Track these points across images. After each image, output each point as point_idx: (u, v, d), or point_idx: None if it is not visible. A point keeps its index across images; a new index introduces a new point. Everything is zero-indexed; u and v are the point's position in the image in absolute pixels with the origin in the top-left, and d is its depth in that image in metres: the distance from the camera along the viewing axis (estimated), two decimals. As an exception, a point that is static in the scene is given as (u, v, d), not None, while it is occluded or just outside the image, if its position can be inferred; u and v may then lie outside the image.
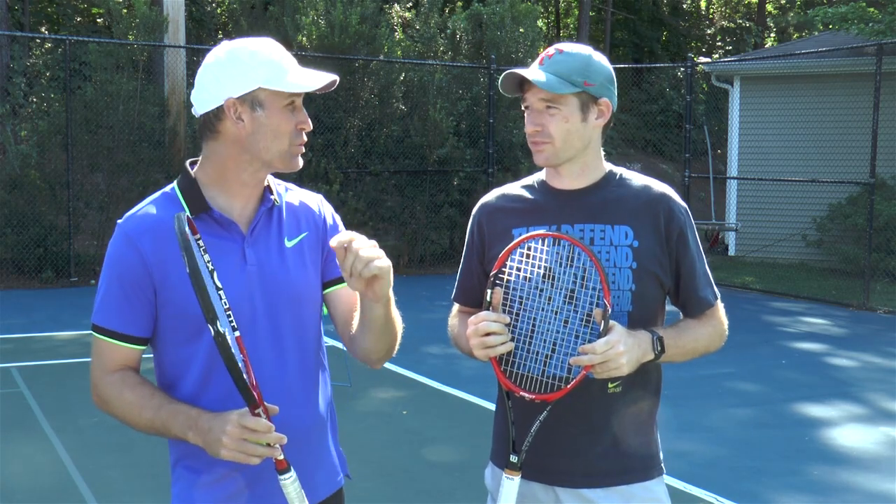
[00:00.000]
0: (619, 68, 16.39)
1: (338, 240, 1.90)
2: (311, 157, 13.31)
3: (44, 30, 20.73)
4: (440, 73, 15.10)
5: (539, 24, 18.18)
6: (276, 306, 2.06)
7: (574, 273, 2.18)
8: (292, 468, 1.91)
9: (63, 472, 5.29)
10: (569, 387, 2.13)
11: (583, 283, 2.17)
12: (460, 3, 23.09)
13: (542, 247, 2.21)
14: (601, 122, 2.27)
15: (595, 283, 2.15)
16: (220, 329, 1.78)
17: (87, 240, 13.09)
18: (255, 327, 2.04)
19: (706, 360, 2.46)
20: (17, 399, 6.76)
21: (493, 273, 2.20)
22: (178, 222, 1.82)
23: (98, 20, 21.19)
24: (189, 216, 1.92)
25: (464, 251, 2.46)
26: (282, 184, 2.20)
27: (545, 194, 2.34)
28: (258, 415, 1.86)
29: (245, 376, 1.84)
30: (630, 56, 27.33)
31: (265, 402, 1.89)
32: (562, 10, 30.97)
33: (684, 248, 2.30)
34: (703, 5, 31.89)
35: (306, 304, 2.12)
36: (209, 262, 1.90)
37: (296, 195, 2.19)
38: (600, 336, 2.08)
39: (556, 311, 2.18)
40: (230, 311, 1.90)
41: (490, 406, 6.38)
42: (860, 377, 8.00)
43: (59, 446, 5.71)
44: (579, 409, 2.24)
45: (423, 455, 5.74)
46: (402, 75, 14.79)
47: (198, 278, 1.78)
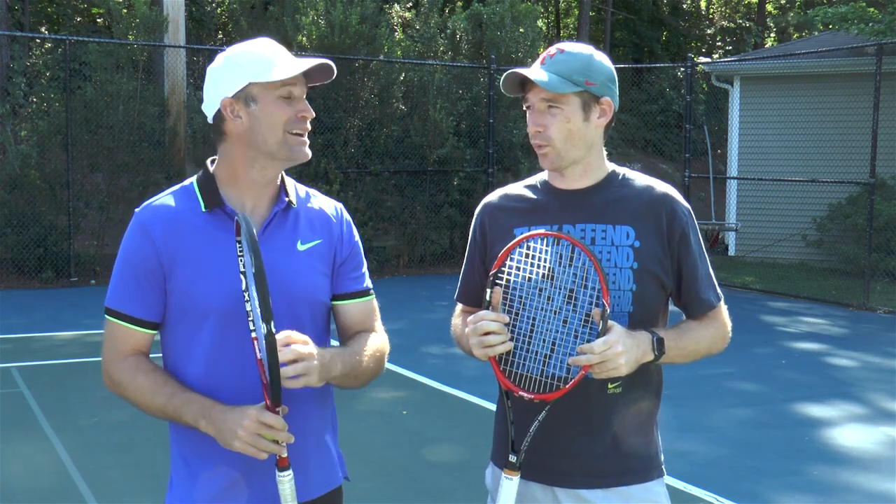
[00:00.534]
0: (619, 68, 16.33)
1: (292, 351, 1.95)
2: (311, 157, 13.28)
3: (44, 30, 20.72)
4: (440, 73, 15.10)
5: (539, 24, 18.17)
6: (279, 304, 2.08)
7: (574, 273, 2.18)
8: (291, 468, 1.98)
9: (63, 472, 5.29)
10: (567, 387, 2.12)
11: (583, 283, 2.17)
12: (460, 3, 23.07)
13: (543, 246, 2.21)
14: (603, 121, 2.27)
15: (595, 282, 2.15)
16: (273, 329, 1.85)
17: (87, 240, 13.09)
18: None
19: (706, 360, 2.46)
20: (17, 399, 6.76)
21: (492, 272, 2.20)
22: (246, 223, 1.90)
23: (98, 20, 21.18)
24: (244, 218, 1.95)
25: (467, 251, 2.47)
26: (304, 188, 2.28)
27: (547, 194, 2.34)
28: (276, 413, 1.94)
29: (261, 376, 1.94)
30: (630, 56, 27.32)
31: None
32: (562, 10, 30.97)
33: (686, 248, 2.29)
34: (703, 5, 31.88)
35: (310, 305, 2.17)
36: (244, 265, 1.98)
37: (318, 202, 2.27)
38: (599, 336, 2.08)
39: (555, 311, 2.18)
40: (252, 314, 1.97)
41: (490, 406, 6.38)
42: (860, 377, 8.00)
43: (59, 446, 5.71)
44: (579, 409, 2.23)
45: (423, 455, 5.74)
46: (402, 75, 14.79)
47: (262, 279, 1.86)
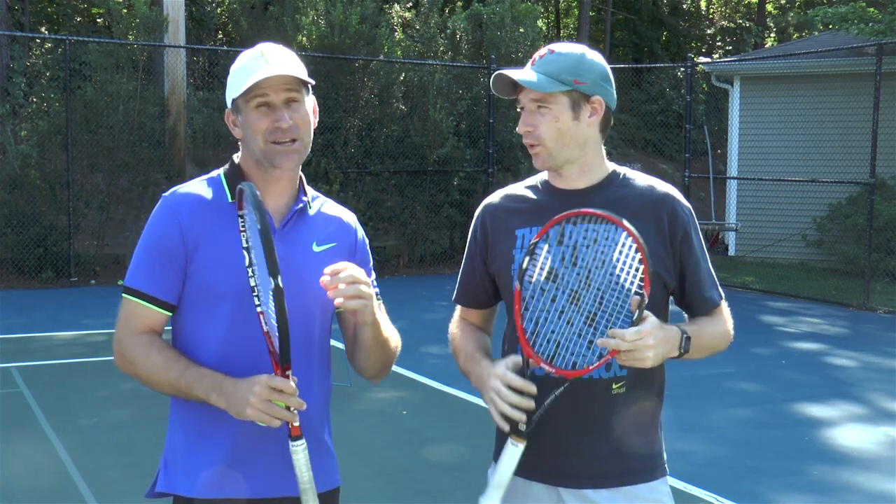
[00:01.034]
0: (619, 68, 16.47)
1: (332, 268, 2.06)
2: (311, 157, 13.30)
3: (44, 30, 20.71)
4: (440, 73, 15.10)
5: (539, 24, 18.17)
6: (291, 299, 2.08)
7: (614, 259, 2.12)
8: (304, 437, 2.00)
9: (63, 472, 5.29)
10: (591, 367, 2.08)
11: (623, 270, 2.10)
12: (460, 3, 23.06)
13: (577, 228, 2.16)
14: (595, 120, 2.26)
15: (632, 272, 2.08)
16: (280, 284, 1.89)
17: (86, 240, 13.09)
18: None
19: (706, 360, 2.46)
20: (17, 399, 6.76)
21: (533, 241, 2.15)
22: (249, 187, 1.98)
23: (98, 20, 21.18)
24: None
25: (465, 251, 2.46)
26: (319, 194, 2.34)
27: (548, 194, 2.34)
28: (286, 377, 1.97)
29: (268, 346, 2.00)
30: (630, 56, 27.31)
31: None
32: (562, 10, 30.96)
33: (688, 248, 2.29)
34: (703, 5, 31.87)
35: (321, 306, 2.20)
36: (247, 241, 2.04)
37: (332, 207, 2.34)
38: (633, 324, 2.05)
39: (592, 297, 2.13)
40: (257, 289, 2.02)
41: (490, 406, 6.37)
42: (860, 377, 8.00)
43: (59, 446, 5.71)
44: (583, 409, 2.23)
45: (423, 455, 5.74)
46: (402, 75, 14.79)
47: (267, 234, 1.90)
